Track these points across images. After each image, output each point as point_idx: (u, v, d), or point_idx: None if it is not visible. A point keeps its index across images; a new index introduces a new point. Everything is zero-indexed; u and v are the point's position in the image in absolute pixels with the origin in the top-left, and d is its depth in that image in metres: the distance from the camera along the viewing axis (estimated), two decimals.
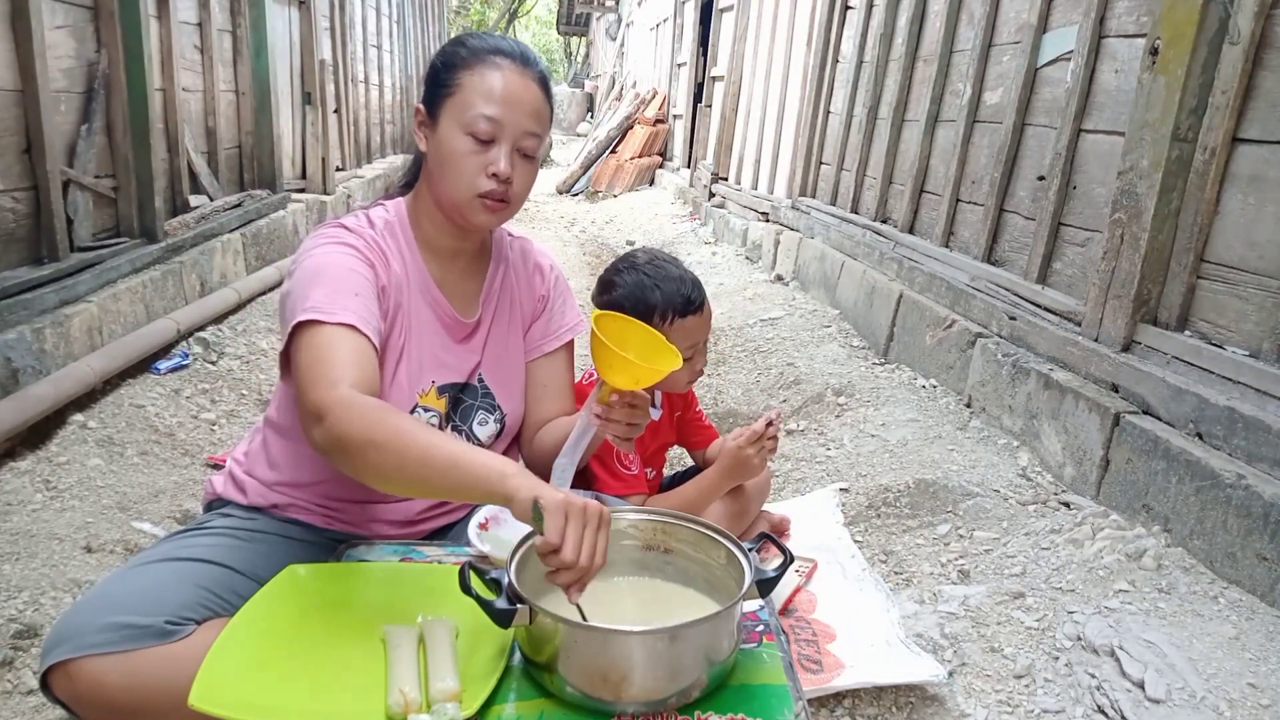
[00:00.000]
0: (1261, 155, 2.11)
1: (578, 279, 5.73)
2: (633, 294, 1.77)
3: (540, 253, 1.62)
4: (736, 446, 1.79)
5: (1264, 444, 1.92)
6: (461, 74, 1.35)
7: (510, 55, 1.37)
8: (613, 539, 1.22)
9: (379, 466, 1.10)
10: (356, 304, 1.26)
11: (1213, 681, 1.57)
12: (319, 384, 1.16)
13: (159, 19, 3.75)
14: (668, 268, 1.81)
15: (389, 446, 1.09)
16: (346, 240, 1.36)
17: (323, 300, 1.24)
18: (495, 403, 1.51)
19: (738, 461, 1.80)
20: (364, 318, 1.25)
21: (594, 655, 1.00)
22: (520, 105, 1.35)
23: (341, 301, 1.25)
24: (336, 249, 1.34)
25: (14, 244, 2.80)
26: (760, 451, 1.80)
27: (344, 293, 1.26)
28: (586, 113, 19.81)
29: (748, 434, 1.79)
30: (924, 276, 3.57)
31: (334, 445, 1.13)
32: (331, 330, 1.21)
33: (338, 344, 1.20)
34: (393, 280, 1.39)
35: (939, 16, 3.83)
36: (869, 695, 1.68)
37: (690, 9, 9.66)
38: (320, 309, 1.23)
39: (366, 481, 1.16)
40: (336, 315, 1.22)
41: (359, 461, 1.12)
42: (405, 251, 1.44)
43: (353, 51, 7.29)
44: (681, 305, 1.77)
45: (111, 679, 1.10)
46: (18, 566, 1.95)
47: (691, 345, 1.80)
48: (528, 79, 1.37)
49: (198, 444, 2.78)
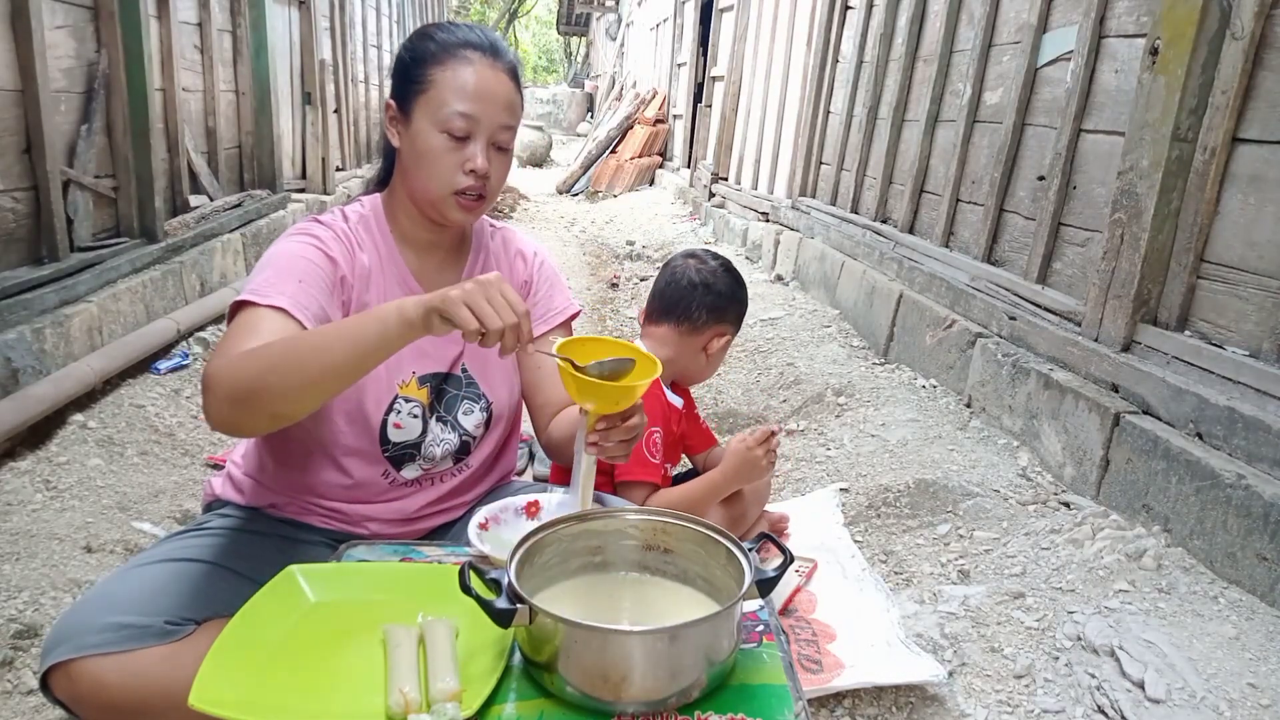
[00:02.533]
0: (1261, 155, 2.11)
1: (578, 279, 5.73)
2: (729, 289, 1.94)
3: (523, 241, 1.61)
4: (745, 447, 1.79)
5: (1264, 444, 1.92)
6: (432, 69, 1.34)
7: (480, 48, 1.35)
8: (613, 539, 1.22)
9: (284, 385, 1.10)
10: (296, 289, 1.26)
11: (1213, 681, 1.57)
12: (214, 360, 1.16)
13: (159, 19, 3.75)
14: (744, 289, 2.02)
15: (282, 365, 1.10)
16: (311, 232, 1.36)
17: (262, 284, 1.25)
18: (480, 392, 1.50)
19: (745, 462, 1.80)
20: (300, 303, 1.25)
21: (594, 655, 1.00)
22: (494, 99, 1.34)
23: (280, 286, 1.25)
24: (298, 239, 1.34)
25: (14, 244, 2.80)
26: (767, 453, 1.80)
27: (286, 278, 1.27)
28: (586, 113, 19.81)
29: (758, 434, 1.79)
30: (924, 276, 3.57)
31: (230, 401, 1.11)
32: (261, 311, 1.22)
33: (258, 324, 1.20)
34: (359, 271, 1.39)
35: (939, 16, 3.83)
36: (869, 695, 1.68)
37: (690, 9, 9.67)
38: (257, 292, 1.24)
39: (288, 410, 1.14)
40: (270, 298, 1.23)
41: (265, 396, 1.10)
42: (380, 245, 1.43)
43: (353, 51, 7.30)
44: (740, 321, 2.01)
45: (111, 679, 1.10)
46: (18, 566, 1.95)
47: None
48: (499, 71, 1.36)
49: (198, 444, 2.78)
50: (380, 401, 1.40)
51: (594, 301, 5.18)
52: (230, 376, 1.12)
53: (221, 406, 1.13)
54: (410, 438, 1.43)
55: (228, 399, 1.12)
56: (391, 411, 1.41)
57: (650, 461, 1.79)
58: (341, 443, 1.39)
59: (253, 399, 1.11)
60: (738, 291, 1.96)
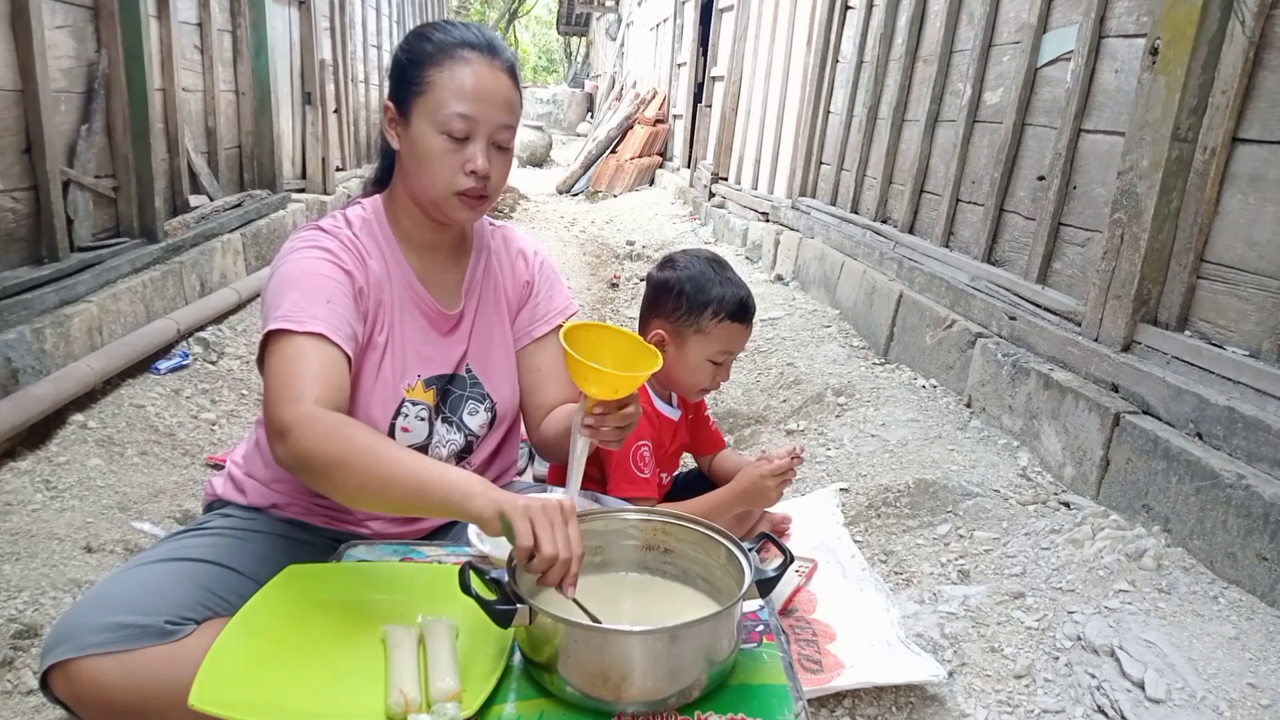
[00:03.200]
0: (1261, 155, 2.11)
1: (578, 279, 5.73)
2: (695, 279, 1.78)
3: (523, 239, 1.61)
4: (759, 475, 1.75)
5: (1264, 444, 1.92)
6: (430, 71, 1.33)
7: (477, 47, 1.35)
8: (613, 539, 1.22)
9: (344, 485, 1.12)
10: (327, 311, 1.25)
11: (1213, 681, 1.57)
12: (283, 400, 1.15)
13: (159, 19, 3.75)
14: (730, 270, 1.84)
15: (353, 466, 1.10)
16: (322, 244, 1.35)
17: (292, 309, 1.23)
18: (484, 392, 1.50)
19: (757, 490, 1.76)
20: (335, 326, 1.24)
21: (594, 655, 1.00)
22: (493, 99, 1.34)
23: (312, 310, 1.24)
24: (311, 254, 1.33)
25: (14, 244, 2.80)
26: (779, 485, 1.77)
27: (315, 300, 1.26)
28: (586, 113, 19.81)
29: (773, 467, 1.74)
30: (924, 276, 3.57)
31: (298, 463, 1.14)
32: (300, 341, 1.21)
33: (304, 356, 1.20)
34: (371, 279, 1.39)
35: (939, 16, 3.83)
36: (869, 695, 1.68)
37: (690, 9, 9.67)
38: (290, 318, 1.22)
39: (333, 498, 1.17)
40: (305, 324, 1.22)
41: (324, 480, 1.13)
42: (384, 248, 1.43)
43: (353, 51, 7.29)
44: (735, 308, 1.77)
45: (111, 679, 1.10)
46: (18, 566, 1.95)
47: (726, 352, 1.81)
48: (497, 70, 1.35)
49: (198, 444, 2.78)
50: (388, 407, 1.40)
51: (594, 301, 5.18)
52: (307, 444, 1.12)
53: (288, 460, 1.15)
54: (417, 440, 1.43)
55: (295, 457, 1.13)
56: (399, 416, 1.41)
57: (639, 477, 1.76)
58: None
59: (314, 475, 1.14)
60: (679, 284, 1.78)
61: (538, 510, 1.03)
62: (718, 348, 1.78)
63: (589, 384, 1.23)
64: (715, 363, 1.80)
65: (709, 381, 1.83)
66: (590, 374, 1.21)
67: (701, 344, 1.78)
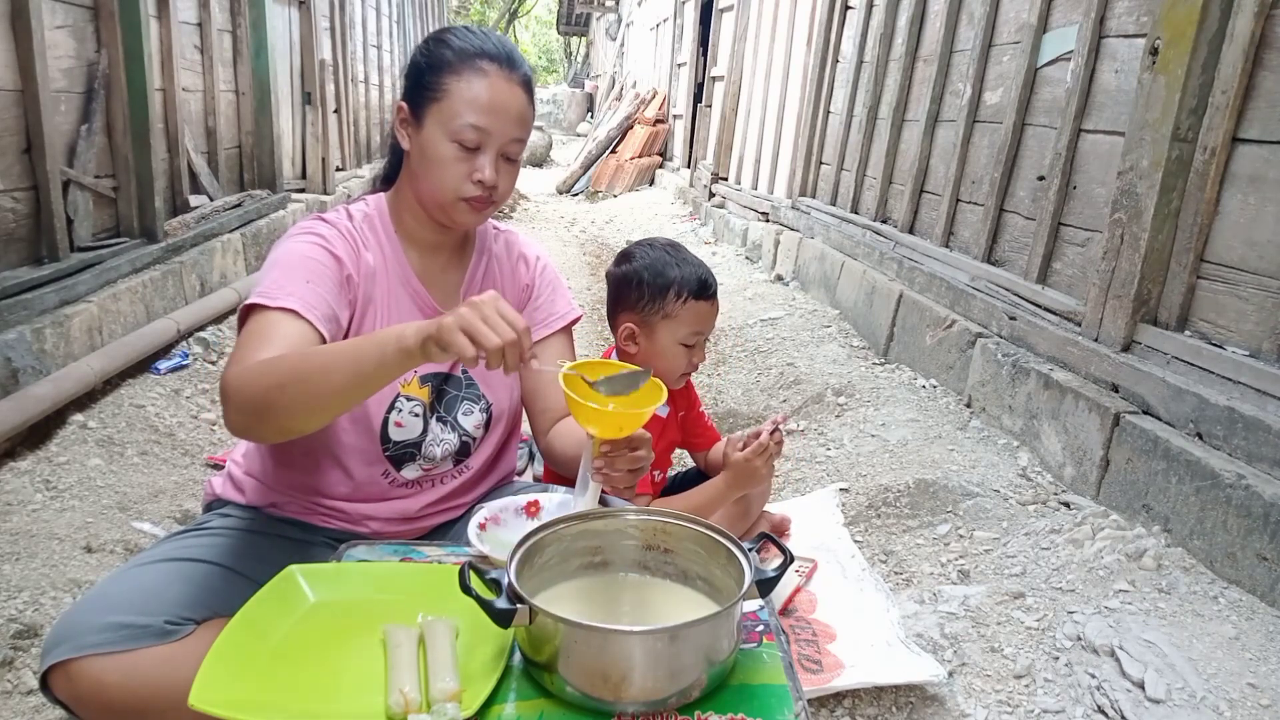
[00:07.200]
0: (1261, 155, 2.11)
1: (578, 279, 5.73)
2: (652, 266, 1.81)
3: (526, 244, 1.62)
4: (744, 458, 1.78)
5: (1264, 444, 1.92)
6: (448, 78, 1.33)
7: (496, 59, 1.35)
8: (613, 538, 1.22)
9: (293, 401, 1.12)
10: (305, 290, 1.27)
11: (1213, 681, 1.57)
12: (229, 367, 1.18)
13: (159, 19, 3.75)
14: (685, 252, 1.87)
15: (288, 380, 1.12)
16: (316, 230, 1.37)
17: (271, 286, 1.26)
18: (479, 393, 1.50)
19: (745, 473, 1.79)
20: (310, 304, 1.26)
21: (594, 655, 1.00)
22: (507, 113, 1.35)
23: (289, 288, 1.26)
24: (303, 239, 1.35)
25: (14, 244, 2.80)
26: (767, 462, 1.80)
27: (295, 279, 1.27)
28: (586, 113, 19.82)
29: (754, 447, 1.78)
30: (924, 276, 3.57)
31: (246, 412, 1.14)
32: (272, 315, 1.23)
33: (270, 329, 1.21)
34: (364, 269, 1.39)
35: (939, 16, 3.83)
36: (869, 695, 1.68)
37: (690, 9, 9.67)
38: (266, 294, 1.24)
39: (297, 425, 1.16)
40: (279, 300, 1.24)
41: (275, 411, 1.13)
42: (385, 244, 1.44)
43: (353, 51, 7.29)
44: (697, 286, 1.80)
45: (111, 679, 1.10)
46: (18, 566, 1.95)
47: (697, 333, 1.82)
48: (513, 84, 1.36)
49: (198, 444, 2.78)
50: (382, 399, 1.40)
51: (594, 301, 5.18)
52: (243, 389, 1.13)
53: (235, 417, 1.16)
54: (411, 437, 1.43)
55: (240, 410, 1.14)
56: (393, 409, 1.41)
57: None
58: (343, 441, 1.40)
59: (263, 412, 1.13)
60: (637, 275, 1.81)
61: (465, 314, 1.05)
62: (687, 329, 1.81)
63: (591, 424, 1.21)
64: (687, 345, 1.83)
65: (685, 365, 1.85)
66: (591, 414, 1.19)
67: (670, 328, 1.81)
